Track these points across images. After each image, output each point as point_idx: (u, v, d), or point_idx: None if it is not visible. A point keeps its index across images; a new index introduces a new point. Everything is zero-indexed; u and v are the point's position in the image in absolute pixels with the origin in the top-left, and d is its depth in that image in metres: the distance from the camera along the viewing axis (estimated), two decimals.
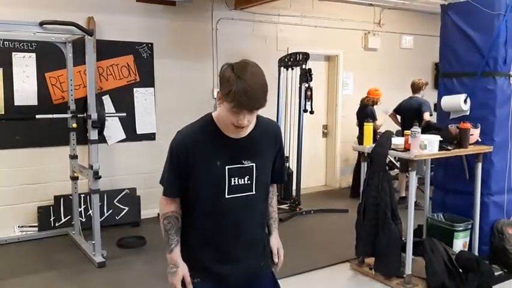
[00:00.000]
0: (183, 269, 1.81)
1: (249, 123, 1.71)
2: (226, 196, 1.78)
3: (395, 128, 5.75)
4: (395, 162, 6.26)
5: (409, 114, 5.50)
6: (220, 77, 1.70)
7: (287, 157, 5.84)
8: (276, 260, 1.99)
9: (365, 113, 5.88)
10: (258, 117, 1.82)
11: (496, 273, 3.80)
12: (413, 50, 7.50)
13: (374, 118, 5.55)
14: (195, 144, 1.76)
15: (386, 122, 6.02)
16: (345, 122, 6.90)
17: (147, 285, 3.57)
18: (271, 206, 2.02)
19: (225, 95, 1.64)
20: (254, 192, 1.82)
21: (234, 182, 1.78)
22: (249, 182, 1.81)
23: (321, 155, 7.15)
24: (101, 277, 3.79)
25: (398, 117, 6.05)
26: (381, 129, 5.30)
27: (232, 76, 1.62)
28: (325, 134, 7.12)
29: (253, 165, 1.81)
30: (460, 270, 3.55)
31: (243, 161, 1.79)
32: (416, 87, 5.89)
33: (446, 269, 3.52)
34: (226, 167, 1.76)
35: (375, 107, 6.07)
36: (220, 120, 1.75)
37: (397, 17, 7.28)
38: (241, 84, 1.61)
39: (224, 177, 1.76)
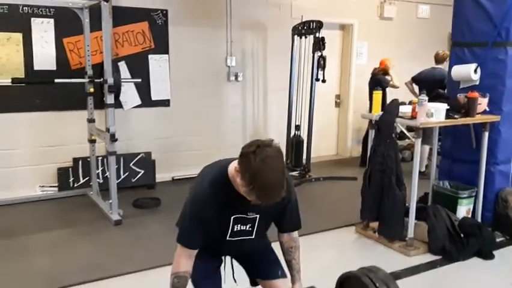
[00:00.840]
0: None
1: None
2: (227, 238, 1.95)
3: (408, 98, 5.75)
4: (406, 132, 6.29)
5: (431, 85, 5.44)
6: (242, 157, 1.72)
7: (298, 126, 5.94)
8: None
9: (375, 82, 5.91)
10: None
11: (498, 240, 3.91)
12: (430, 19, 7.41)
13: (383, 87, 5.55)
14: (211, 205, 1.86)
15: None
16: (358, 92, 6.92)
17: (161, 243, 3.72)
18: (294, 259, 2.13)
19: (243, 180, 1.71)
20: (253, 237, 2.00)
21: (237, 228, 1.94)
22: (250, 229, 1.97)
23: (333, 124, 7.22)
24: (117, 234, 4.00)
25: (415, 86, 6.02)
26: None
27: (256, 168, 1.66)
28: (337, 104, 7.17)
29: (257, 217, 1.96)
30: (462, 235, 3.67)
31: (249, 213, 1.94)
32: (439, 58, 5.86)
33: (448, 233, 3.65)
34: (232, 217, 1.91)
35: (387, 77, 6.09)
36: (235, 183, 1.80)
37: None
38: (262, 184, 1.67)
39: (229, 224, 1.92)
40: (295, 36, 5.91)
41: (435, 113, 3.52)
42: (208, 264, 2.06)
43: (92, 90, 4.63)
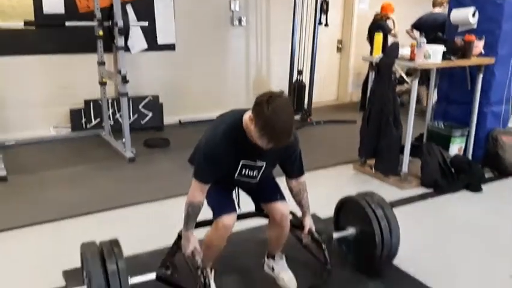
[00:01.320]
0: (194, 243, 2.22)
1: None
2: (235, 177, 2.21)
3: None
4: (405, 77, 6.45)
5: (432, 29, 5.48)
6: (256, 105, 1.93)
7: (300, 71, 6.10)
8: (306, 232, 2.45)
9: (377, 27, 6.00)
10: None
11: (487, 175, 4.20)
12: None
13: (384, 33, 5.55)
14: (225, 150, 2.09)
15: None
16: (360, 37, 7.00)
17: (171, 177, 4.02)
18: (303, 199, 2.41)
19: (257, 125, 1.92)
20: (257, 180, 2.26)
21: (244, 172, 2.20)
22: (255, 174, 2.23)
23: (334, 69, 7.37)
24: (131, 170, 4.28)
25: (416, 33, 6.11)
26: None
27: (268, 114, 1.88)
28: (339, 49, 7.29)
29: (263, 165, 2.20)
30: (453, 170, 3.95)
31: (257, 161, 2.17)
32: (437, 3, 5.92)
33: (439, 168, 3.92)
34: (241, 162, 2.15)
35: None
36: (249, 130, 2.02)
37: None
38: (273, 128, 1.89)
39: (237, 168, 2.17)
40: None
41: (433, 55, 3.69)
42: (223, 191, 2.31)
43: (101, 33, 4.76)
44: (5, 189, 3.78)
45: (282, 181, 2.40)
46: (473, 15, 4.10)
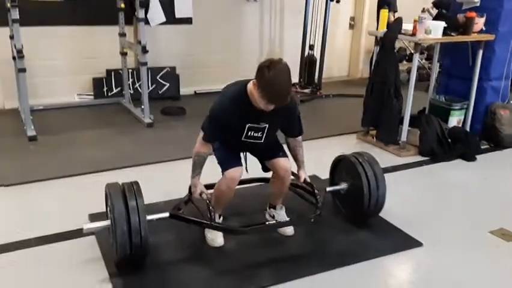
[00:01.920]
0: (200, 187, 2.56)
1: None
2: (242, 139, 2.50)
3: None
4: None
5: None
6: (258, 70, 2.24)
7: (312, 45, 6.32)
8: (301, 181, 2.78)
9: (383, 2, 6.06)
10: None
11: (483, 147, 4.43)
12: None
13: (390, 6, 5.53)
14: (228, 116, 2.40)
15: None
16: (372, 14, 7.15)
17: (186, 141, 4.23)
18: (298, 154, 2.73)
19: (259, 87, 2.23)
20: (262, 141, 2.54)
21: (250, 134, 2.49)
22: (260, 135, 2.51)
23: (346, 46, 7.54)
24: (150, 134, 4.63)
25: (435, 11, 6.14)
26: None
27: (268, 77, 2.19)
28: (351, 26, 7.45)
29: (266, 126, 2.48)
30: (449, 140, 4.19)
31: (260, 123, 2.46)
32: None
33: (437, 138, 4.16)
34: (247, 125, 2.44)
35: None
36: (252, 96, 2.33)
37: None
38: (273, 88, 2.20)
39: (243, 130, 2.46)
40: None
41: (433, 30, 3.90)
42: (231, 150, 2.63)
43: (122, 5, 5.05)
44: (35, 147, 4.16)
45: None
46: None
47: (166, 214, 2.52)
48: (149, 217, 2.38)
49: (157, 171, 3.74)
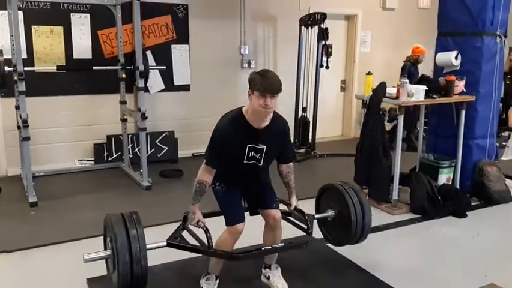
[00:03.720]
0: (198, 215, 2.68)
1: (271, 105, 2.51)
2: (244, 161, 2.66)
3: None
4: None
5: None
6: (249, 79, 2.53)
7: (305, 108, 6.59)
8: (292, 208, 2.94)
9: (403, 69, 6.38)
10: (274, 114, 2.63)
11: (474, 203, 4.54)
12: (430, 9, 7.88)
13: (410, 75, 5.52)
14: (228, 137, 2.60)
15: None
16: (362, 78, 7.46)
17: (184, 203, 4.42)
18: (290, 181, 2.90)
19: (253, 87, 2.49)
20: (261, 164, 2.72)
21: (250, 155, 2.66)
22: (259, 157, 2.69)
23: (338, 107, 7.85)
24: (148, 197, 4.75)
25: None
26: None
27: (258, 76, 2.49)
28: (343, 89, 7.79)
29: (264, 147, 2.67)
30: (440, 198, 4.31)
31: (259, 144, 2.65)
32: None
33: (427, 195, 4.29)
34: (247, 145, 2.62)
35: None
36: (249, 113, 2.57)
37: None
38: (265, 79, 2.47)
39: (244, 151, 2.63)
40: (303, 27, 6.53)
41: (416, 93, 4.15)
42: (233, 199, 2.78)
43: (124, 76, 5.34)
44: (36, 212, 4.27)
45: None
46: (456, 58, 4.56)
47: (164, 243, 2.62)
48: (148, 246, 2.46)
49: (153, 234, 3.80)
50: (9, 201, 4.58)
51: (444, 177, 4.59)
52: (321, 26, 6.19)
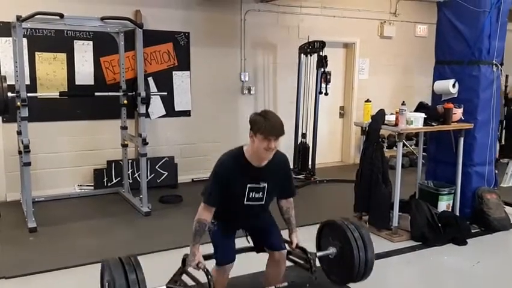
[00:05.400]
0: (199, 257, 2.62)
1: (275, 147, 2.54)
2: (245, 203, 2.67)
3: None
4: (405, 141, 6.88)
5: None
6: (251, 121, 2.54)
7: (304, 134, 6.64)
8: (293, 246, 2.87)
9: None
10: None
11: (474, 231, 4.53)
12: (427, 38, 8.03)
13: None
14: (230, 173, 2.61)
15: None
16: (360, 104, 7.55)
17: (184, 230, 4.37)
18: (291, 216, 2.89)
19: (256, 131, 2.50)
20: (263, 203, 2.72)
21: (252, 195, 2.67)
22: (261, 195, 2.69)
23: (337, 133, 7.89)
24: (147, 223, 4.73)
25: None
26: None
27: (261, 118, 2.51)
28: (341, 115, 7.85)
29: (265, 185, 2.68)
30: (440, 225, 4.30)
31: (260, 182, 2.66)
32: None
33: (427, 223, 4.28)
34: (248, 185, 2.63)
35: None
36: (250, 153, 2.59)
37: (412, 7, 7.84)
38: (269, 122, 2.49)
39: (245, 191, 2.64)
40: (302, 55, 6.64)
41: (414, 121, 4.19)
42: (226, 236, 2.76)
43: (125, 102, 5.39)
44: (35, 238, 4.25)
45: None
46: (453, 86, 4.62)
47: (163, 287, 2.61)
48: None
49: (153, 261, 3.78)
50: (9, 226, 4.56)
51: (444, 204, 4.59)
52: (320, 53, 6.29)
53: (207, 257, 2.72)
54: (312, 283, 2.76)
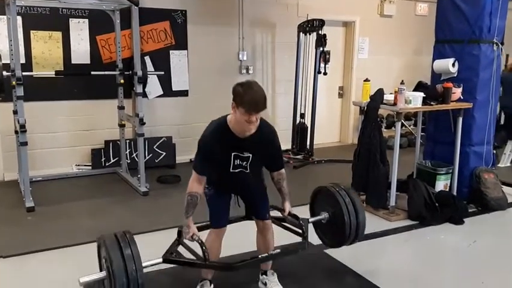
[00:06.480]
0: (193, 229, 2.65)
1: (256, 120, 2.51)
2: (231, 170, 2.67)
3: None
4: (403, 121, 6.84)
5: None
6: (233, 92, 2.48)
7: (303, 114, 6.60)
8: (286, 214, 2.90)
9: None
10: (261, 121, 2.59)
11: (471, 210, 4.54)
12: (427, 16, 7.94)
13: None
14: (214, 143, 2.60)
15: None
16: (359, 84, 7.47)
17: (181, 209, 4.44)
18: (282, 187, 2.88)
19: (239, 103, 2.45)
20: (248, 171, 2.72)
21: (236, 163, 2.67)
22: (245, 164, 2.69)
23: (336, 113, 7.86)
24: (145, 203, 4.74)
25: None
26: None
27: (243, 91, 2.43)
28: (340, 95, 7.80)
29: (249, 156, 2.68)
30: (437, 204, 4.31)
31: (244, 152, 2.66)
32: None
33: (424, 202, 4.28)
34: (232, 153, 2.63)
35: None
36: (233, 123, 2.56)
37: None
38: (250, 96, 2.42)
39: (230, 159, 2.64)
40: (301, 33, 6.56)
41: (413, 100, 4.16)
42: (222, 201, 2.81)
43: (122, 81, 5.34)
44: (33, 218, 4.25)
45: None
46: (453, 65, 4.57)
47: (160, 259, 2.62)
48: (144, 264, 2.44)
49: (150, 240, 3.79)
50: (6, 206, 4.56)
51: (441, 184, 4.59)
52: (319, 32, 6.22)
53: (200, 228, 2.77)
54: (305, 249, 2.79)
